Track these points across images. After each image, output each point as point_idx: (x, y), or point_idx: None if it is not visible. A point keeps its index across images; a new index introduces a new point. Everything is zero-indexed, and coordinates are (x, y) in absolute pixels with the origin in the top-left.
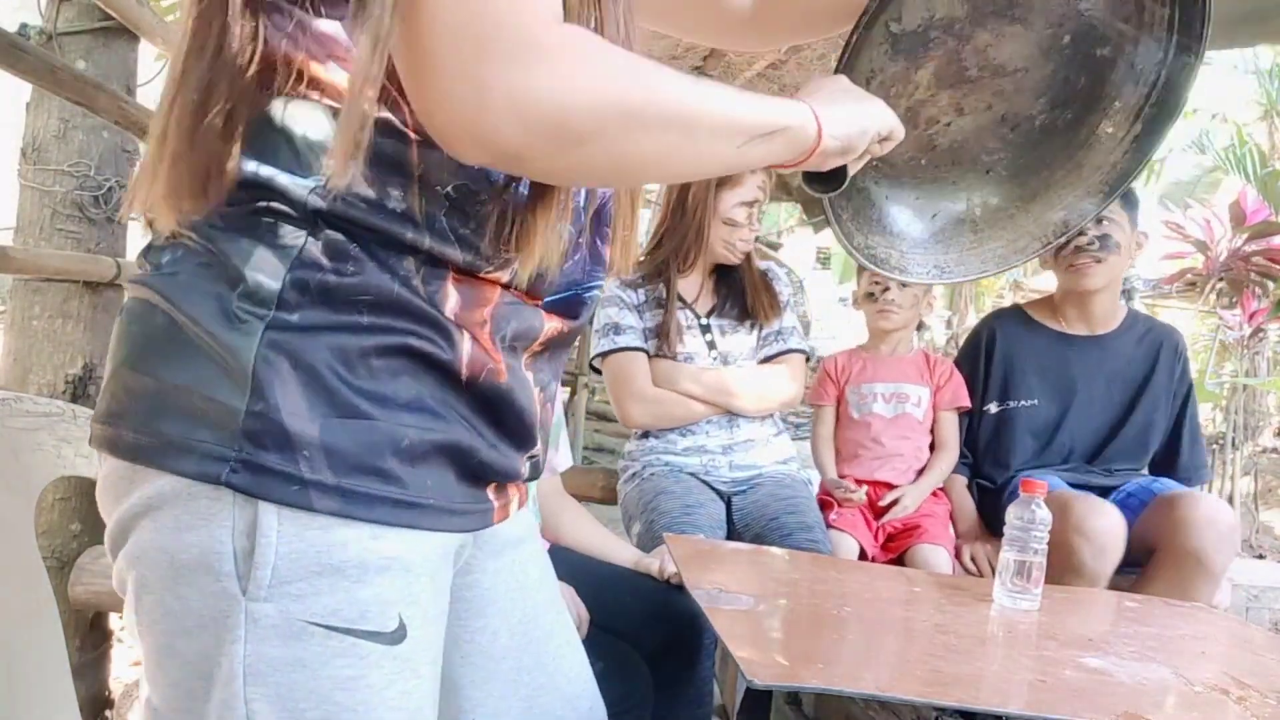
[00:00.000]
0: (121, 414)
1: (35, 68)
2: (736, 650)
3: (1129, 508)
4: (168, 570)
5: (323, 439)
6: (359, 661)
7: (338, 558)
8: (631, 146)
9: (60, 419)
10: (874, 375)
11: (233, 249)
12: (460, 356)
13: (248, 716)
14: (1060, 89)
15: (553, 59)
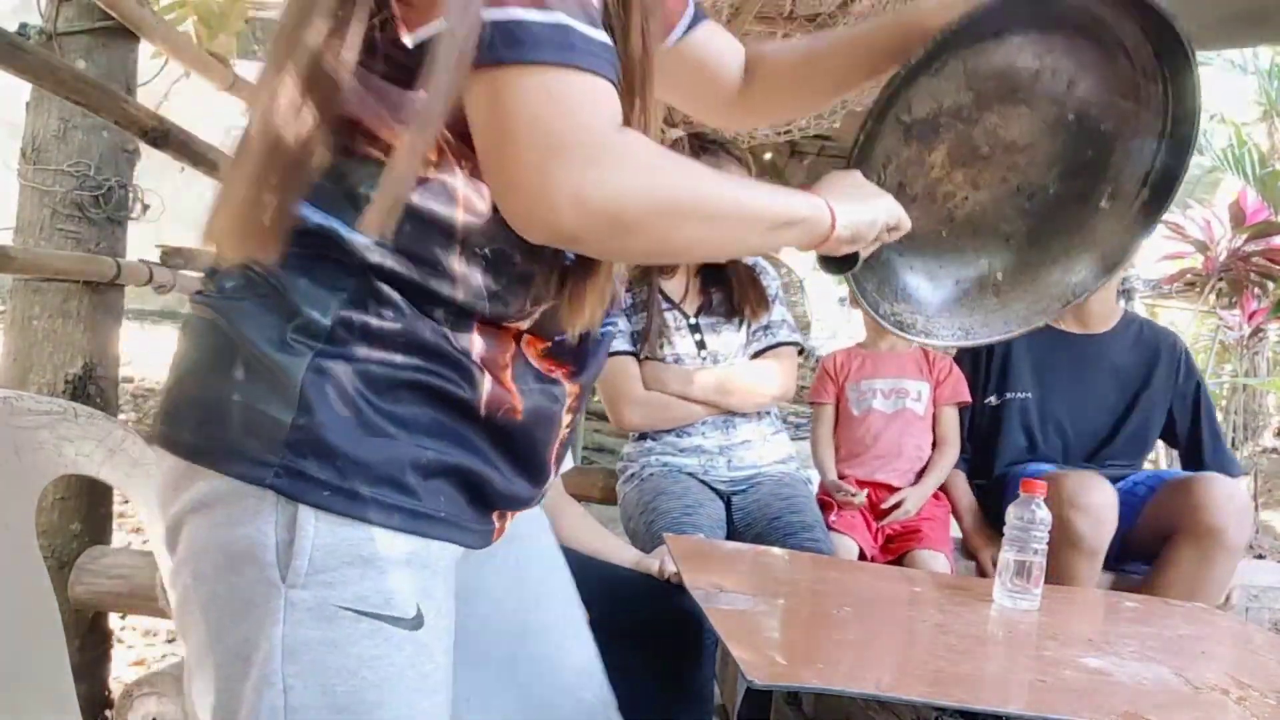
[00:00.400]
0: (182, 417)
1: (35, 67)
2: (736, 650)
3: (1136, 495)
4: (220, 560)
5: (353, 453)
6: (384, 643)
7: (365, 551)
8: (673, 234)
9: (62, 418)
10: (873, 371)
11: (292, 286)
12: (480, 396)
13: (284, 691)
14: (1071, 160)
15: (612, 162)
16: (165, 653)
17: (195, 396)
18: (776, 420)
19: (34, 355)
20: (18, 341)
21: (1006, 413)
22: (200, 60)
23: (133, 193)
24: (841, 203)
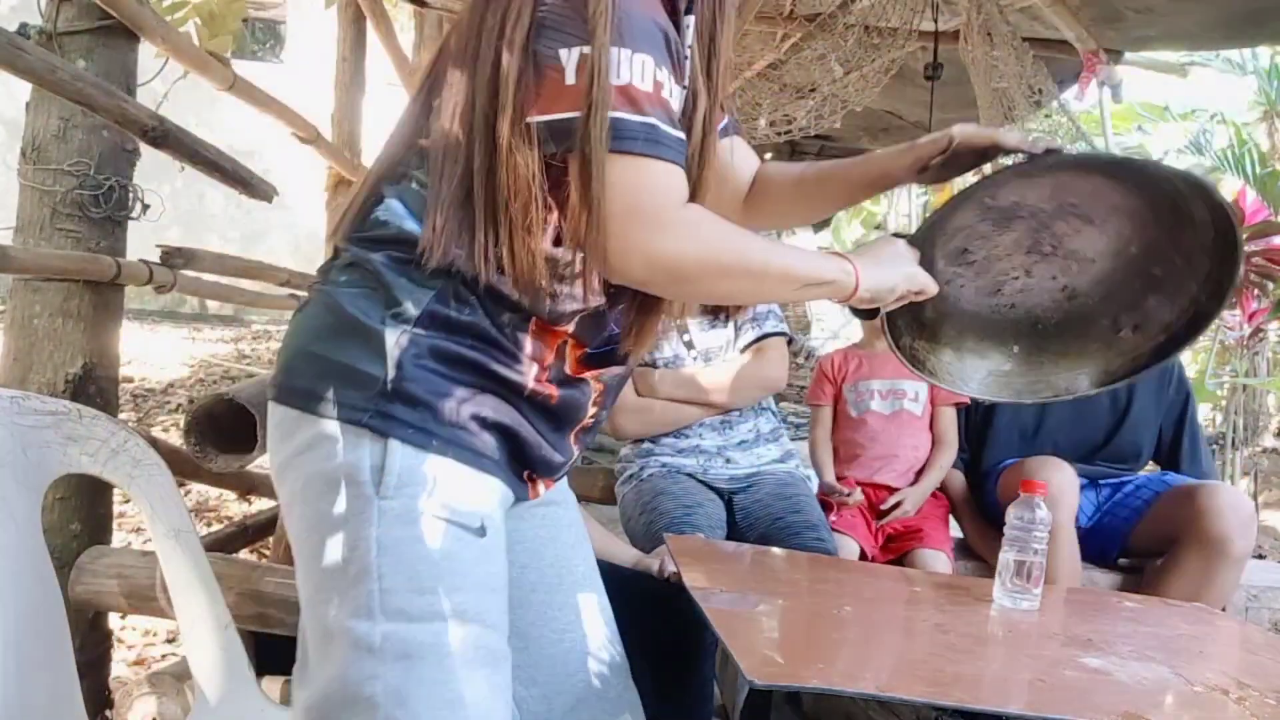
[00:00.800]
0: (298, 374)
1: (35, 67)
2: (736, 650)
3: (1140, 498)
4: (325, 485)
5: (430, 402)
6: (457, 542)
7: (441, 474)
8: (719, 286)
9: (66, 418)
10: (871, 372)
11: (393, 281)
12: (527, 379)
13: (379, 577)
14: (1117, 286)
15: (675, 231)
16: (165, 653)
17: (311, 358)
18: (774, 418)
19: (34, 355)
20: (18, 341)
21: (999, 415)
22: (200, 60)
23: (133, 192)
24: (869, 269)
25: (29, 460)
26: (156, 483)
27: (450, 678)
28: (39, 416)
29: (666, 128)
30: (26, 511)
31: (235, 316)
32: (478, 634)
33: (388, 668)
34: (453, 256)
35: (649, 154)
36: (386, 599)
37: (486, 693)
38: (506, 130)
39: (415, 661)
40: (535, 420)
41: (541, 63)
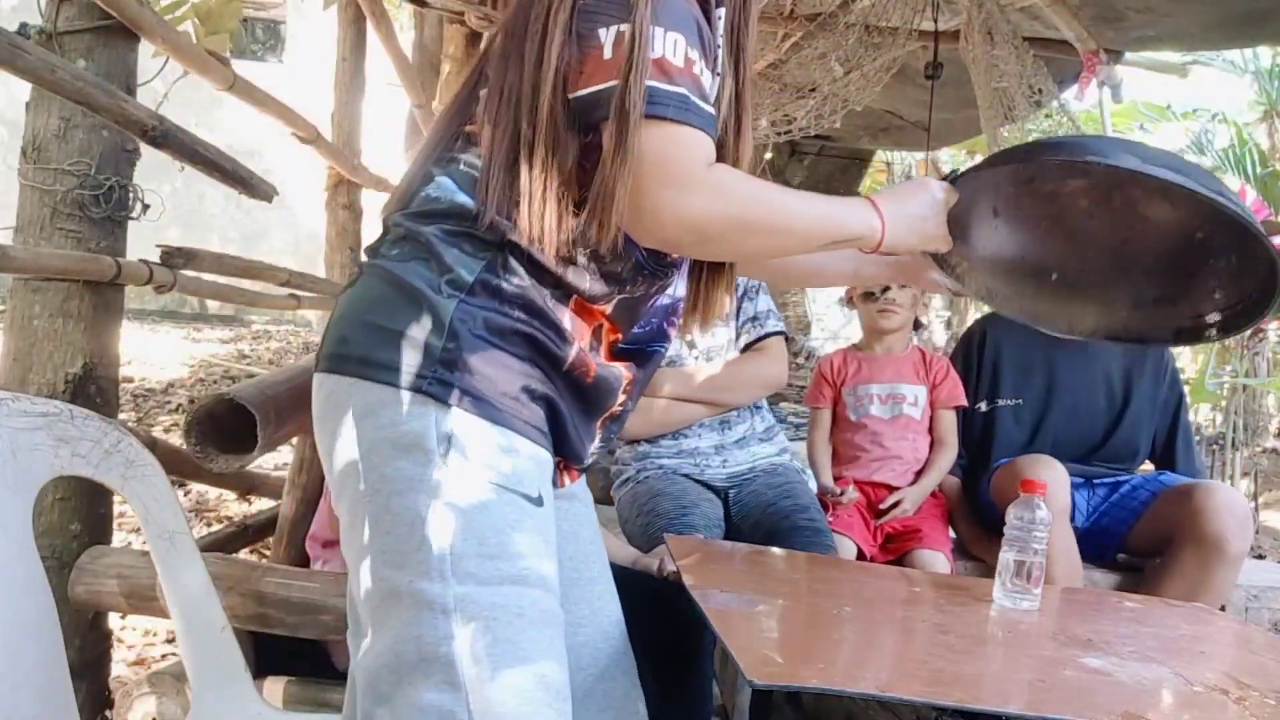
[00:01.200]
0: (352, 344)
1: (35, 67)
2: (736, 650)
3: (1137, 499)
4: (390, 450)
5: (485, 371)
6: (518, 510)
7: (501, 443)
8: (746, 244)
9: (58, 419)
10: (870, 376)
11: (446, 252)
12: (568, 355)
13: (450, 540)
14: (1169, 260)
15: (702, 191)
16: (165, 653)
17: (367, 327)
18: (769, 417)
19: (34, 355)
20: (18, 341)
21: (998, 419)
22: (200, 60)
23: (133, 192)
24: (895, 222)
25: (20, 464)
26: (150, 484)
27: (520, 638)
28: (30, 418)
29: (696, 100)
30: (16, 515)
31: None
32: (539, 597)
33: (461, 629)
34: (503, 228)
35: (679, 119)
36: (457, 563)
37: (551, 652)
38: (547, 107)
39: (487, 623)
40: (570, 400)
41: (583, 43)
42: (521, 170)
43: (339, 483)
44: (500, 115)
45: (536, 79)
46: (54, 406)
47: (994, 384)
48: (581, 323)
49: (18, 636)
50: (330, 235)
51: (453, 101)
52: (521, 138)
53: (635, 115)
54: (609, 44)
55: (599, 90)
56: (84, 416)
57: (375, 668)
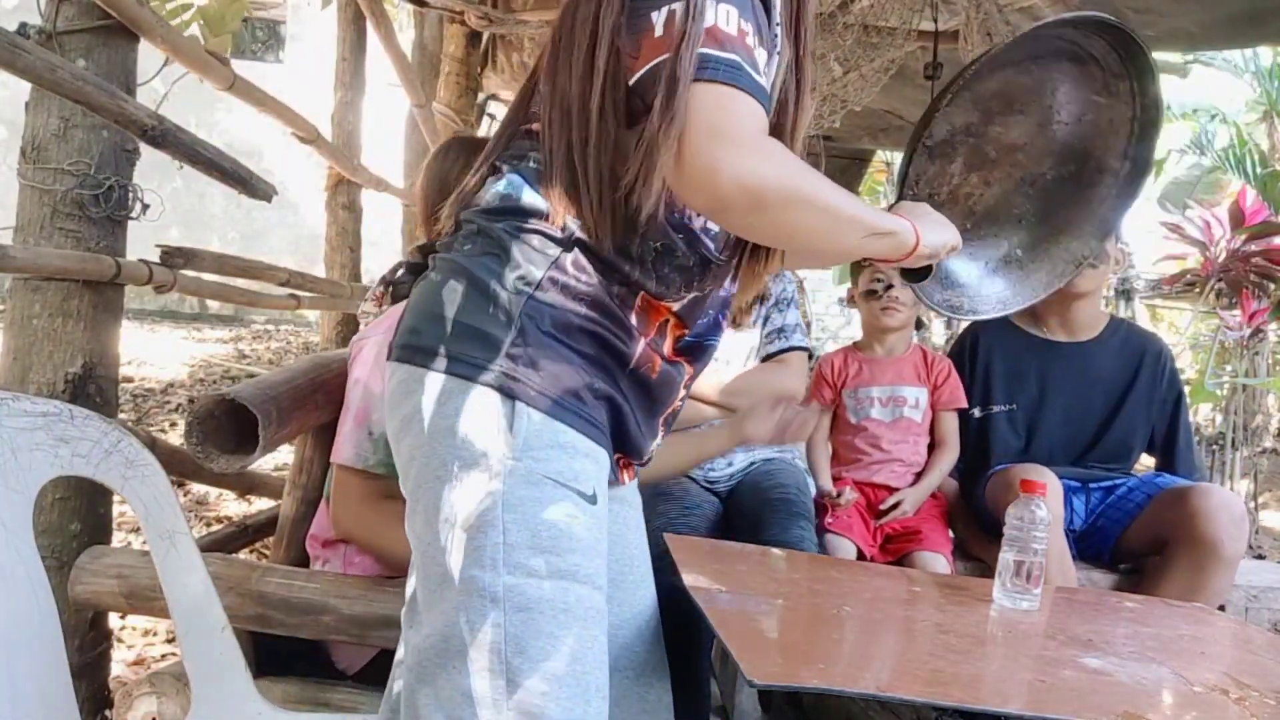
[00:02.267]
0: (423, 335)
1: (35, 67)
2: (736, 650)
3: (1132, 501)
4: (454, 440)
5: (551, 368)
6: (574, 507)
7: (562, 440)
8: (796, 218)
9: (58, 419)
10: (871, 378)
11: (517, 248)
12: (634, 352)
13: (504, 531)
14: (1061, 149)
15: (758, 153)
16: (165, 652)
17: (438, 320)
18: None
19: (34, 354)
20: (17, 341)
21: (993, 425)
22: (200, 60)
23: (133, 192)
24: (925, 228)
25: (19, 464)
26: (151, 484)
27: (564, 632)
28: (29, 418)
29: (748, 68)
30: (16, 515)
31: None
32: (587, 594)
33: (509, 617)
34: (572, 226)
35: (730, 82)
36: (510, 553)
37: (593, 649)
38: (597, 112)
39: (534, 614)
40: (633, 398)
41: (635, 30)
42: (579, 172)
43: (405, 467)
44: (554, 120)
45: (586, 86)
46: (54, 406)
47: (986, 390)
48: (648, 320)
49: (19, 636)
50: (330, 235)
51: (517, 98)
52: (574, 142)
53: (685, 79)
54: (660, 24)
55: (651, 67)
56: (84, 416)
57: (423, 648)
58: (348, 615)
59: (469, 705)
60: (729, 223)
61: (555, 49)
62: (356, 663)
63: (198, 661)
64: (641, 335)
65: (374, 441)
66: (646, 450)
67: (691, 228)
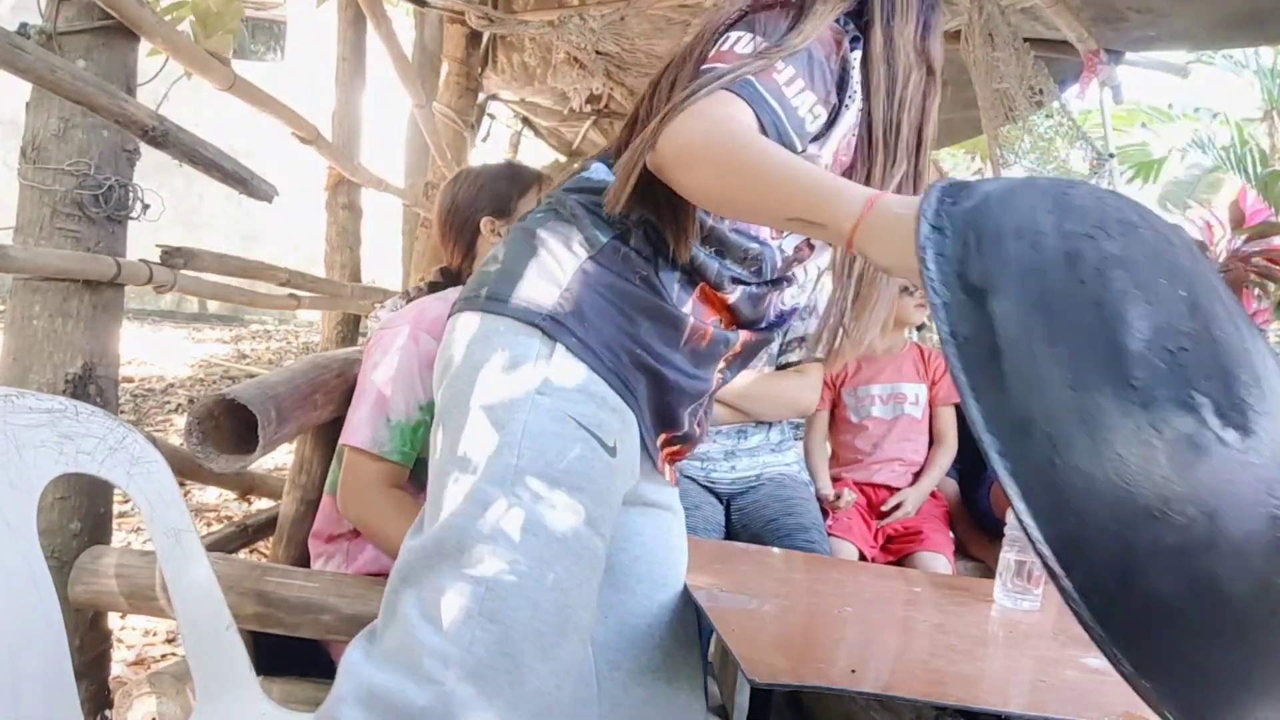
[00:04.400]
0: (485, 285)
1: (35, 67)
2: (736, 650)
3: None
4: (492, 370)
5: (595, 321)
6: (591, 451)
7: (592, 388)
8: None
9: (63, 415)
10: (871, 376)
11: (586, 216)
12: (687, 322)
13: (518, 455)
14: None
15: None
16: (165, 652)
17: (502, 272)
18: (785, 429)
19: (34, 355)
20: (17, 341)
21: None
22: (200, 60)
23: (133, 192)
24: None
25: (24, 460)
26: (156, 481)
27: (554, 562)
28: (34, 415)
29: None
30: (20, 513)
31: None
32: (587, 535)
33: (504, 532)
34: (643, 210)
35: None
36: (519, 475)
37: (581, 587)
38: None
39: (530, 536)
40: (679, 366)
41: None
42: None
43: (443, 400)
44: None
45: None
46: (59, 403)
47: None
48: (704, 307)
49: (21, 635)
50: (330, 235)
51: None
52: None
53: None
54: (729, 43)
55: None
56: (89, 413)
57: (415, 550)
58: (348, 614)
59: (445, 606)
60: (668, 181)
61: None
62: None
63: (202, 660)
64: (692, 316)
65: (391, 428)
66: (685, 424)
67: (756, 238)
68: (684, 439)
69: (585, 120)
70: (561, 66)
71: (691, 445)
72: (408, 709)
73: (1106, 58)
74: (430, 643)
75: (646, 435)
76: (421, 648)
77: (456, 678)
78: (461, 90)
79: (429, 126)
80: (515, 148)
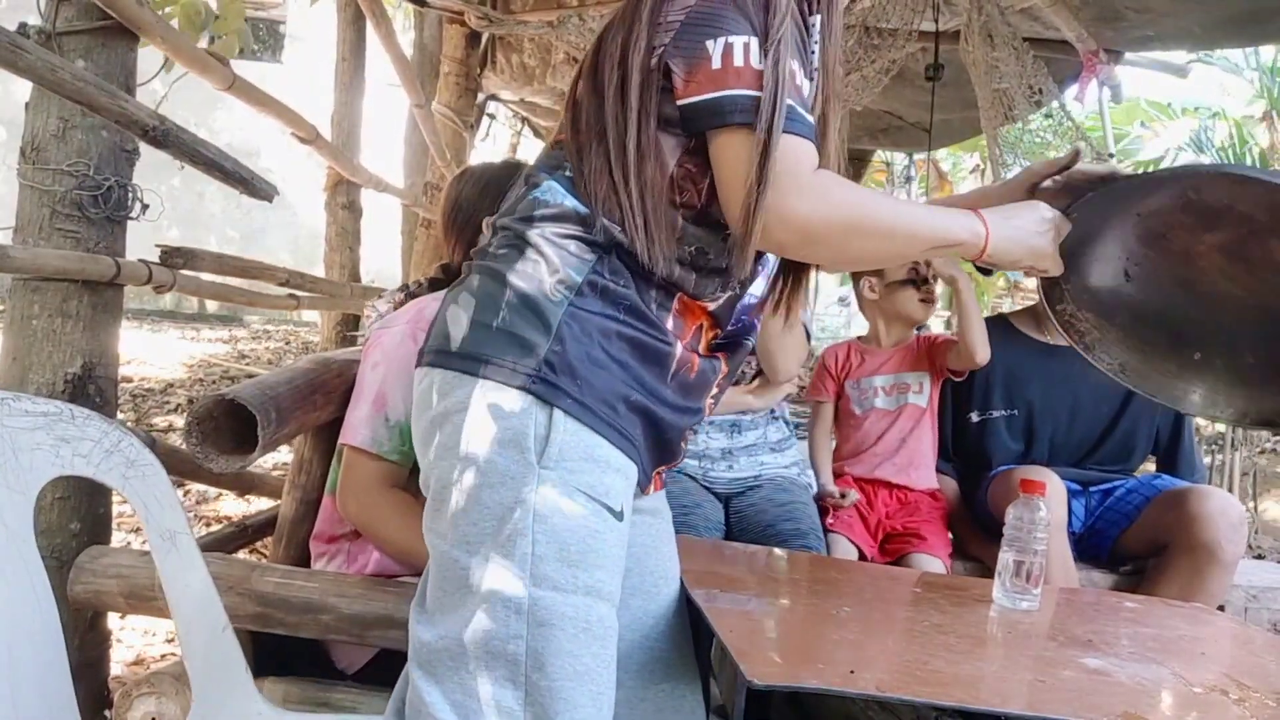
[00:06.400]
0: (457, 341)
1: (35, 67)
2: (736, 650)
3: (1130, 504)
4: (488, 444)
5: (588, 377)
6: (602, 523)
7: (596, 453)
8: (848, 247)
9: (59, 419)
10: (874, 368)
11: (555, 253)
12: (675, 354)
13: (533, 541)
14: None
15: (808, 194)
16: (165, 652)
17: (475, 325)
18: (785, 428)
19: (33, 355)
20: (17, 341)
21: (993, 429)
22: (200, 60)
23: (133, 192)
24: (1000, 233)
25: (20, 463)
26: (151, 483)
27: (584, 650)
28: (30, 418)
29: (801, 110)
30: (18, 515)
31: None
32: (605, 612)
33: (531, 631)
34: (612, 231)
35: (789, 130)
36: (538, 565)
37: (608, 668)
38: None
39: (555, 630)
40: (670, 404)
41: (689, 55)
42: (620, 186)
43: (430, 468)
44: (591, 140)
45: (620, 124)
46: (55, 406)
47: (986, 394)
48: (684, 322)
49: (19, 636)
50: (330, 235)
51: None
52: (613, 161)
53: (776, 131)
54: (716, 55)
55: (706, 99)
56: (85, 416)
57: (437, 649)
58: (347, 615)
59: (484, 712)
60: (789, 255)
61: (586, 79)
62: (356, 662)
63: (198, 661)
64: (679, 339)
65: (390, 428)
66: (681, 454)
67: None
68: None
69: None
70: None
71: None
72: None
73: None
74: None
75: (643, 473)
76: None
77: None
78: (461, 90)
79: (428, 126)
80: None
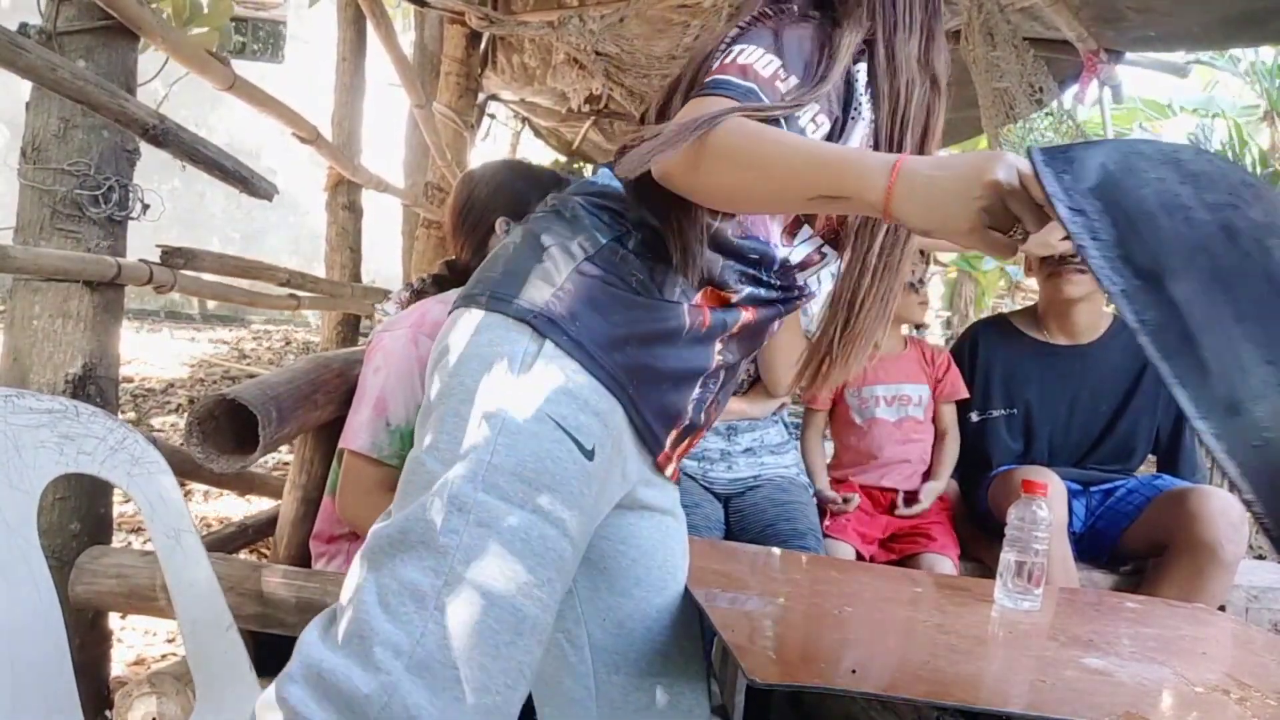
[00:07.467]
0: (481, 284)
1: (35, 67)
2: (736, 650)
3: (1131, 504)
4: (477, 364)
5: (588, 319)
6: (567, 453)
7: (576, 389)
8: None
9: (63, 416)
10: (874, 377)
11: (586, 217)
12: (683, 324)
13: (492, 451)
14: None
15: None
16: (165, 652)
17: (498, 270)
18: (784, 431)
19: (34, 355)
20: (17, 341)
21: (993, 429)
22: (200, 60)
23: (133, 192)
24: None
25: (24, 461)
26: (156, 481)
27: (516, 561)
28: (34, 415)
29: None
30: (20, 513)
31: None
32: (554, 537)
33: (470, 530)
34: (647, 216)
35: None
36: (491, 474)
37: (541, 589)
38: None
39: (492, 534)
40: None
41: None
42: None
43: (431, 392)
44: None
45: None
46: (59, 403)
47: (986, 394)
48: (707, 311)
49: (22, 635)
50: (330, 235)
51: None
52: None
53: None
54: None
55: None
56: (89, 413)
57: (380, 535)
58: None
59: (401, 595)
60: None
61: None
62: None
63: (202, 660)
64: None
65: (390, 433)
66: (690, 413)
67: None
68: (692, 428)
69: (585, 120)
70: (561, 67)
71: (700, 433)
72: (352, 695)
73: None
74: (382, 631)
75: (651, 435)
76: (374, 635)
77: (404, 668)
78: (461, 90)
79: (429, 126)
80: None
